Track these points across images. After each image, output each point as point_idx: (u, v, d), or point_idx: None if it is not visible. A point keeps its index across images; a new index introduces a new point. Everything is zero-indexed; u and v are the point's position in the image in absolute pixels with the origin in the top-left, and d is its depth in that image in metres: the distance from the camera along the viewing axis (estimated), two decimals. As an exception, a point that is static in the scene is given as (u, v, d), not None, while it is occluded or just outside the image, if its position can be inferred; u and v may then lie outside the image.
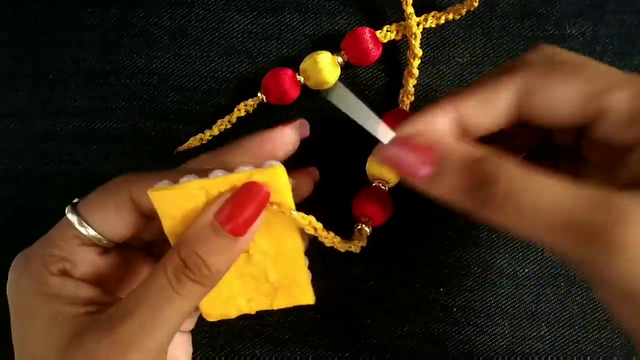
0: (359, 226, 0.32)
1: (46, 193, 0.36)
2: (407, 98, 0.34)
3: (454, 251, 0.35)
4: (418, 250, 0.35)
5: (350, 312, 0.35)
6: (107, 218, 0.26)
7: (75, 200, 0.27)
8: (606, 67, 0.23)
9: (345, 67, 0.34)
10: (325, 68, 0.33)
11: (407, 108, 0.34)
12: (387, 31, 0.34)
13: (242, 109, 0.34)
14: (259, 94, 0.34)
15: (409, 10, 0.33)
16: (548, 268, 0.35)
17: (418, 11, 0.34)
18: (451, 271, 0.35)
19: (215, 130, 0.34)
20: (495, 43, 0.35)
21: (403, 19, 0.34)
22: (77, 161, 0.36)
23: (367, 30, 0.33)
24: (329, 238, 0.29)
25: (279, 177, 0.25)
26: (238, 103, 0.34)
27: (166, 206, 0.25)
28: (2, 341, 0.27)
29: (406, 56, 0.34)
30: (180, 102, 0.36)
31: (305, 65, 0.34)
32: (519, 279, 0.35)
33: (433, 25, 0.34)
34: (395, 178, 0.33)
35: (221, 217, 0.24)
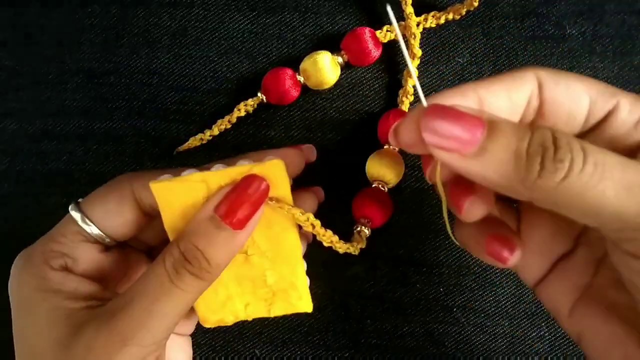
0: (358, 228, 0.32)
1: (46, 193, 0.36)
2: (407, 98, 0.34)
3: (454, 251, 0.35)
4: (418, 250, 0.35)
5: (350, 312, 0.35)
6: (109, 215, 0.26)
7: (79, 200, 0.27)
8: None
9: (345, 67, 0.34)
10: (325, 68, 0.33)
11: (407, 108, 0.34)
12: (387, 31, 0.34)
13: (242, 109, 0.34)
14: (259, 94, 0.34)
15: (409, 10, 0.33)
16: (548, 268, 0.35)
17: (418, 11, 0.34)
18: (451, 271, 0.35)
19: (215, 130, 0.34)
20: (495, 43, 0.35)
21: (403, 19, 0.34)
22: (77, 161, 0.36)
23: (367, 30, 0.33)
24: (327, 236, 0.29)
25: (279, 171, 0.25)
26: (238, 103, 0.34)
27: (167, 199, 0.25)
28: (3, 336, 0.27)
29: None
30: (180, 102, 0.36)
31: (305, 65, 0.34)
32: (519, 279, 0.35)
33: (433, 25, 0.34)
34: (394, 179, 0.33)
35: (221, 211, 0.24)
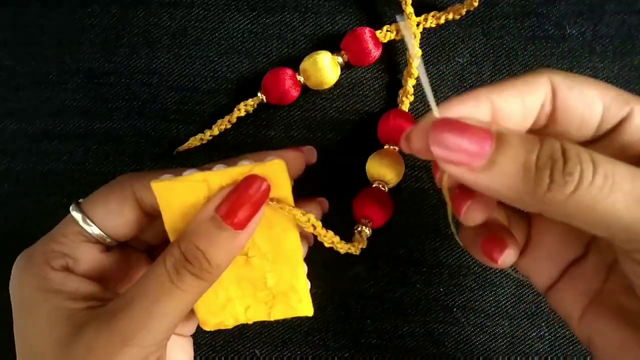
0: (359, 228, 0.32)
1: (46, 193, 0.36)
2: (407, 98, 0.34)
3: (454, 251, 0.35)
4: (418, 250, 0.35)
5: (350, 312, 0.35)
6: (110, 215, 0.26)
7: (80, 200, 0.27)
8: None
9: (345, 67, 0.34)
10: (325, 68, 0.33)
11: (407, 108, 0.34)
12: (387, 31, 0.34)
13: (242, 109, 0.34)
14: (259, 94, 0.34)
15: (409, 10, 0.33)
16: (548, 268, 0.35)
17: (418, 11, 0.34)
18: (451, 271, 0.35)
19: (215, 130, 0.34)
20: (495, 43, 0.35)
21: (403, 19, 0.34)
22: (77, 161, 0.36)
23: (367, 30, 0.33)
24: (328, 237, 0.29)
25: (280, 172, 0.25)
26: (238, 103, 0.34)
27: (168, 198, 0.25)
28: (5, 337, 0.27)
29: (406, 56, 0.34)
30: (180, 102, 0.36)
31: (305, 65, 0.34)
32: (519, 279, 0.35)
33: (433, 25, 0.34)
34: (395, 179, 0.33)
35: (222, 211, 0.24)
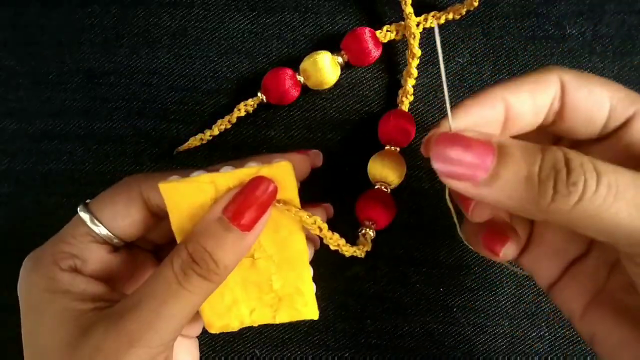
0: (363, 230, 0.32)
1: (46, 193, 0.36)
2: (406, 98, 0.34)
3: (454, 251, 0.35)
4: (418, 250, 0.35)
5: (350, 312, 0.35)
6: (118, 215, 0.27)
7: (87, 201, 0.27)
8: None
9: (345, 67, 0.34)
10: (325, 68, 0.33)
11: (407, 108, 0.34)
12: (387, 31, 0.34)
13: (242, 109, 0.34)
14: (259, 94, 0.34)
15: (408, 10, 0.33)
16: (548, 268, 0.35)
17: (418, 11, 0.34)
18: (451, 271, 0.35)
19: (215, 130, 0.34)
20: (495, 43, 0.35)
21: (403, 19, 0.34)
22: (77, 161, 0.36)
23: (367, 30, 0.33)
24: (334, 239, 0.29)
25: (286, 174, 0.25)
26: (238, 103, 0.34)
27: (175, 200, 0.25)
28: (3, 336, 0.27)
29: (405, 56, 0.34)
30: (180, 102, 0.36)
31: (305, 65, 0.34)
32: (519, 279, 0.35)
33: (433, 25, 0.34)
34: (397, 180, 0.33)
35: (229, 212, 0.24)
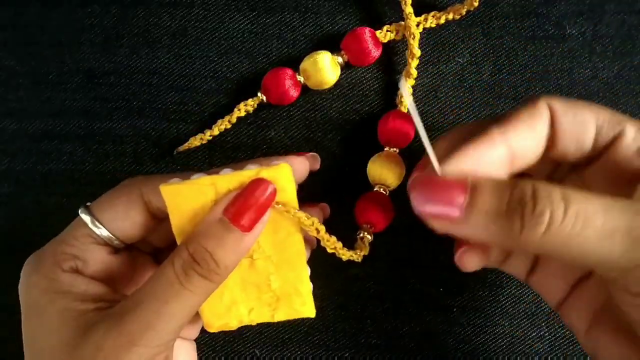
0: (361, 234, 0.32)
1: (46, 193, 0.36)
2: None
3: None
4: (418, 250, 0.35)
5: (350, 312, 0.35)
6: (118, 217, 0.27)
7: (88, 203, 0.28)
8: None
9: (345, 67, 0.34)
10: (325, 68, 0.33)
11: (406, 109, 0.34)
12: (387, 31, 0.34)
13: (242, 109, 0.34)
14: (259, 94, 0.34)
15: (408, 10, 0.33)
16: (548, 268, 0.35)
17: (418, 11, 0.34)
18: (451, 271, 0.35)
19: (215, 130, 0.34)
20: (495, 43, 0.35)
21: (403, 19, 0.34)
22: (77, 161, 0.36)
23: (367, 30, 0.33)
24: (332, 242, 0.29)
25: (285, 176, 0.26)
26: (238, 103, 0.34)
27: (176, 202, 0.25)
28: (5, 337, 0.27)
29: (405, 56, 0.34)
30: (180, 102, 0.36)
31: (305, 65, 0.34)
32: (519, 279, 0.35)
33: (433, 25, 0.34)
34: (396, 182, 0.33)
35: (230, 213, 0.25)
